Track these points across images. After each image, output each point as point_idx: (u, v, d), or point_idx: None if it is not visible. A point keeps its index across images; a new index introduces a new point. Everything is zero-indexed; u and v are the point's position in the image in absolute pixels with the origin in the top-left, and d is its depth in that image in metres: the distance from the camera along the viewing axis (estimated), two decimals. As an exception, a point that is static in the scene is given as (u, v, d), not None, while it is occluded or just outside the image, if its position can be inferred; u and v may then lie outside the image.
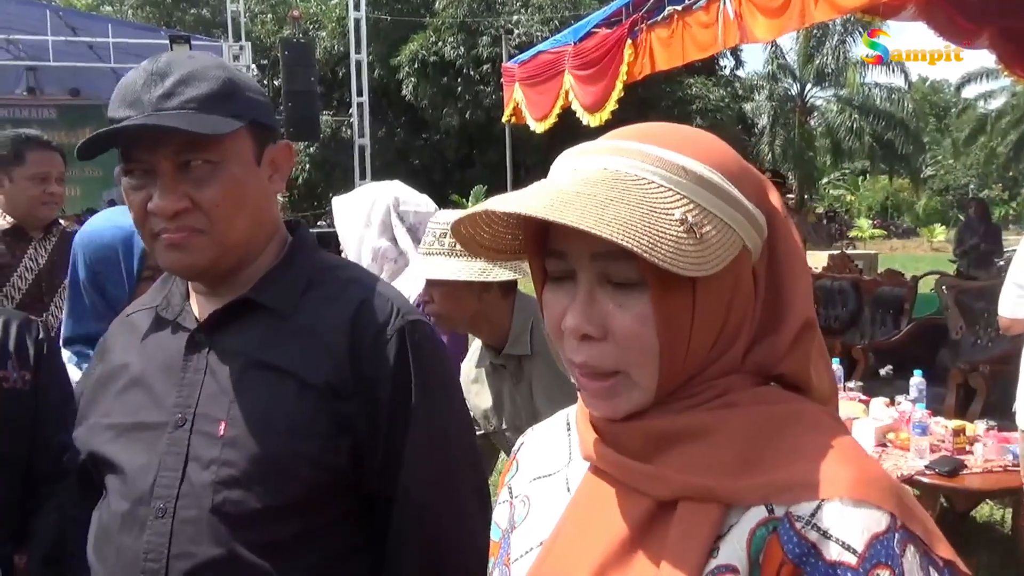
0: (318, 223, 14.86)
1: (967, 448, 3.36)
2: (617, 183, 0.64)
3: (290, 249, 1.11)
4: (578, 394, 0.73)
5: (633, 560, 0.64)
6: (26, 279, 2.75)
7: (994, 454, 3.30)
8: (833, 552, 0.59)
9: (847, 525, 0.59)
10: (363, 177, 11.36)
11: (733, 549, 0.62)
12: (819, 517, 0.60)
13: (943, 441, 3.37)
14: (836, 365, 3.89)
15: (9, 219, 2.74)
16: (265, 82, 21.00)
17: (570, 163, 0.69)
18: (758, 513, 0.62)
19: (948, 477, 3.17)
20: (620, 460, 0.67)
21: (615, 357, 0.65)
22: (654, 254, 0.59)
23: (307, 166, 21.49)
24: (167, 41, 10.80)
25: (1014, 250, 3.86)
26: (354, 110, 11.85)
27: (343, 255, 2.09)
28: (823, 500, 0.60)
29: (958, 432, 3.38)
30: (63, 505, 1.57)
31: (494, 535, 0.82)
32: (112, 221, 1.66)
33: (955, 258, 11.53)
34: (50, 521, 1.54)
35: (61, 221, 2.98)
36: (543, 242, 0.69)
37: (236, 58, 11.61)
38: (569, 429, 0.80)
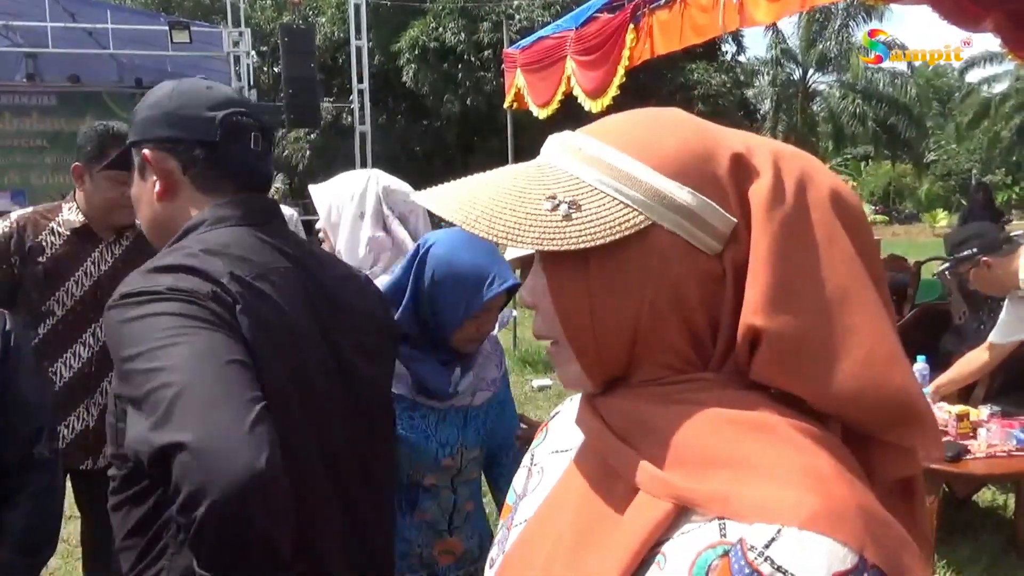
0: (319, 210, 14.77)
1: (970, 433, 3.36)
2: (514, 172, 0.68)
3: None
4: None
5: (585, 547, 0.63)
6: (83, 285, 2.49)
7: (997, 439, 3.30)
8: None
9: (806, 561, 0.53)
10: (364, 164, 11.30)
11: (676, 566, 0.58)
12: (774, 548, 0.54)
13: (946, 426, 3.37)
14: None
15: (81, 217, 2.50)
16: (265, 69, 20.93)
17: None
18: (711, 533, 0.57)
19: (951, 462, 3.17)
20: (599, 428, 0.67)
21: (543, 326, 0.69)
22: (476, 227, 0.63)
23: (307, 153, 21.41)
24: (166, 27, 10.74)
25: (1019, 234, 3.84)
26: (354, 97, 11.76)
27: (325, 245, 2.06)
28: (781, 527, 0.54)
29: (961, 417, 3.38)
30: (36, 494, 1.57)
31: (509, 499, 0.83)
32: (473, 252, 1.61)
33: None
34: (24, 511, 1.55)
35: (138, 223, 2.78)
36: None
37: (236, 44, 11.53)
38: None
